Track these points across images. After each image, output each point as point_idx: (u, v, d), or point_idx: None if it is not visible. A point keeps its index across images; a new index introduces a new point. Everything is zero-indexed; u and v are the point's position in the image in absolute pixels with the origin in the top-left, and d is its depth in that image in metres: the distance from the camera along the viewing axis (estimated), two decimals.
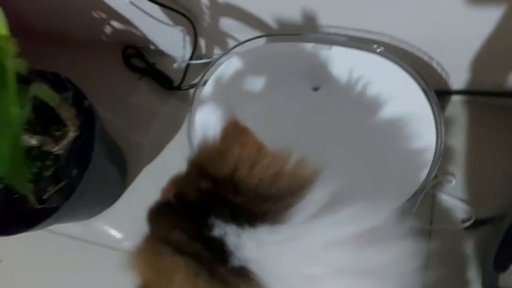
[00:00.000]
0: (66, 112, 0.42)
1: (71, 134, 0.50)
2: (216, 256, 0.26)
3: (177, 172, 0.33)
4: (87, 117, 0.52)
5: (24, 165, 0.30)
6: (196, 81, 0.67)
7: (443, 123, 0.45)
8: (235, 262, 0.26)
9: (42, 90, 0.35)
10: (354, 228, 0.27)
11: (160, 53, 0.70)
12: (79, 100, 0.53)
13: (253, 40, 0.52)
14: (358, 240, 0.27)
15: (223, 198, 0.28)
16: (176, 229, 0.28)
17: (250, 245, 0.26)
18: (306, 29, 0.53)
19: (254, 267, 0.26)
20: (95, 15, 0.63)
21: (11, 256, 0.65)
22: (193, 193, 0.29)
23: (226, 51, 0.52)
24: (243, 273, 0.26)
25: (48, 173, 0.53)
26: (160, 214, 0.31)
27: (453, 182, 0.57)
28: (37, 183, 0.53)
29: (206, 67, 0.66)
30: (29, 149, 0.51)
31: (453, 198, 0.56)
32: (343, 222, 0.27)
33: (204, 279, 0.26)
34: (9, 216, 0.53)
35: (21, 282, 0.64)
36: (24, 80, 0.29)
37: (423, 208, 0.55)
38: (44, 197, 0.53)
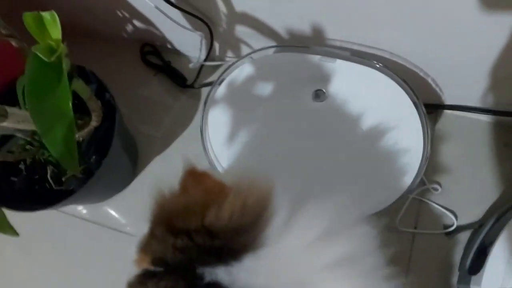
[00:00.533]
0: (94, 104, 0.47)
1: (93, 124, 0.54)
2: None
3: (140, 239, 0.33)
4: (108, 109, 0.57)
5: (76, 149, 0.34)
6: (208, 80, 0.72)
7: (429, 134, 0.50)
8: None
9: (79, 85, 0.39)
10: (324, 227, 0.30)
11: (176, 52, 0.74)
12: (101, 93, 0.58)
13: (266, 49, 0.56)
14: (327, 238, 0.30)
15: (202, 247, 0.29)
16: None
17: (242, 277, 0.28)
18: (314, 41, 0.58)
19: None
20: (118, 13, 0.68)
21: (27, 232, 0.69)
22: (172, 254, 0.29)
23: (242, 56, 0.56)
24: None
25: None
26: (143, 285, 0.30)
27: (439, 190, 0.61)
28: (57, 166, 0.58)
29: (218, 68, 0.71)
30: None
31: (438, 206, 0.61)
32: (314, 225, 0.30)
33: None
34: (30, 194, 0.58)
35: (34, 255, 0.69)
36: (68, 76, 0.33)
37: (409, 213, 0.60)
38: (63, 179, 0.58)
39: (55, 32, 0.32)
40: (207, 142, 0.53)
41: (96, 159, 0.57)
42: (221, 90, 0.55)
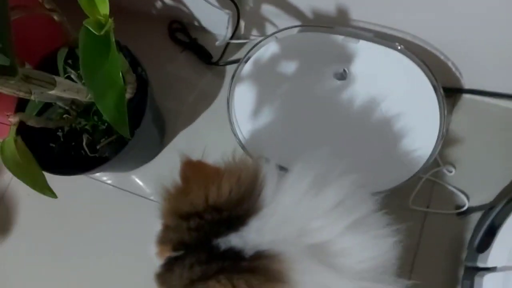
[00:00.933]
0: (130, 77, 0.50)
1: (127, 96, 0.58)
2: (234, 260, 0.32)
3: (155, 234, 0.38)
4: (140, 82, 0.60)
5: (126, 114, 0.38)
6: (232, 58, 0.74)
7: (446, 116, 0.52)
8: (249, 253, 0.32)
9: (120, 59, 0.43)
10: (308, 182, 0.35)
11: (202, 30, 0.77)
12: (134, 67, 0.61)
13: (291, 28, 0.58)
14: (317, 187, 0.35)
15: (212, 222, 0.34)
16: (193, 267, 0.33)
17: (252, 237, 0.33)
18: (338, 21, 0.60)
19: (264, 247, 0.32)
20: None
21: (60, 196, 0.74)
22: (188, 236, 0.34)
23: (267, 35, 0.58)
24: (259, 256, 0.32)
25: (102, 127, 0.61)
26: (170, 271, 0.35)
27: (453, 172, 0.63)
28: (92, 134, 0.62)
29: (243, 46, 0.73)
30: (90, 105, 0.60)
31: (451, 187, 0.63)
32: (302, 178, 0.35)
33: (237, 281, 0.31)
34: (67, 160, 0.62)
35: (66, 218, 0.74)
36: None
37: (422, 193, 0.62)
38: (98, 147, 0.62)
39: (104, 7, 0.36)
40: (233, 116, 0.56)
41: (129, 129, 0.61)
42: (247, 67, 0.58)
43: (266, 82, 0.58)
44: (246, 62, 0.58)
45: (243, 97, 0.57)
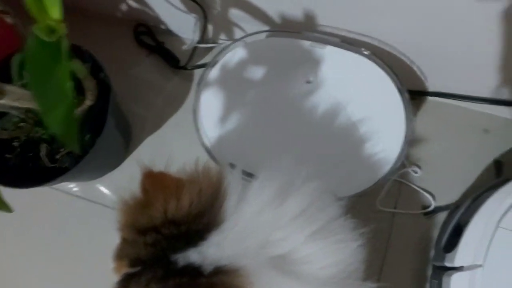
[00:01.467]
0: (89, 83, 0.48)
1: (88, 102, 0.55)
2: (192, 276, 0.31)
3: (114, 248, 0.36)
4: (102, 88, 0.58)
5: (76, 128, 0.35)
6: (200, 62, 0.73)
7: (411, 119, 0.53)
8: (208, 269, 0.31)
9: (76, 65, 0.40)
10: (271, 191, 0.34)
11: (170, 33, 0.75)
12: (96, 72, 0.58)
13: (259, 33, 0.58)
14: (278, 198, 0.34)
15: (170, 237, 0.32)
16: (150, 284, 0.31)
17: (211, 252, 0.32)
18: (306, 26, 0.60)
19: (224, 262, 0.31)
20: None
21: (20, 209, 0.70)
22: (145, 251, 0.33)
23: (235, 40, 0.57)
24: (219, 271, 0.31)
25: None
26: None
27: (419, 173, 0.64)
28: (51, 144, 0.59)
29: (211, 50, 0.72)
30: None
31: (417, 187, 0.64)
32: (263, 190, 0.34)
33: None
34: (24, 171, 0.59)
35: (27, 232, 0.70)
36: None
37: (390, 194, 0.63)
38: (57, 157, 0.59)
39: (55, 12, 0.33)
40: (200, 123, 0.55)
41: (90, 137, 0.58)
42: (214, 72, 0.57)
43: (234, 87, 0.57)
44: (213, 66, 0.57)
45: (210, 102, 0.56)
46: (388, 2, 0.51)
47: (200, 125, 0.55)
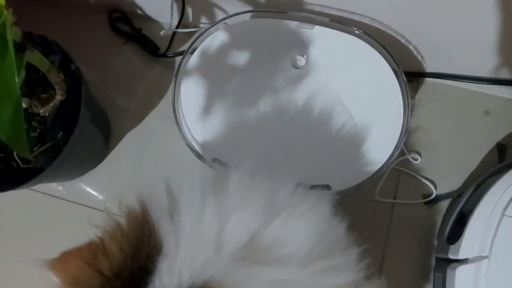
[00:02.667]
0: (55, 77, 0.43)
1: (58, 98, 0.51)
2: None
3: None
4: (74, 81, 0.53)
5: (25, 131, 0.31)
6: (181, 49, 0.68)
7: (410, 103, 0.49)
8: None
9: (34, 57, 0.36)
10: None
11: (147, 18, 0.70)
12: (66, 64, 0.54)
13: (240, 15, 0.53)
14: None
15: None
16: None
17: (168, 280, 0.28)
18: (292, 6, 0.55)
19: (186, 284, 0.28)
20: None
21: None
22: None
23: (215, 22, 0.53)
24: None
25: (34, 134, 0.54)
26: None
27: (419, 160, 0.61)
28: None
29: (192, 35, 0.67)
30: None
31: (417, 175, 0.61)
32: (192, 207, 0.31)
33: None
34: None
35: (8, 238, 0.66)
36: (18, 47, 0.30)
37: (388, 183, 0.60)
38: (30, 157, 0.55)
39: None
40: (180, 116, 0.51)
41: (63, 134, 0.54)
42: (193, 59, 0.52)
43: (216, 75, 0.52)
44: (191, 53, 0.52)
45: (190, 93, 0.51)
46: None
47: (181, 119, 0.51)
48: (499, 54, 0.55)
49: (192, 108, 0.51)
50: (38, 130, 0.54)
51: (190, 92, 0.51)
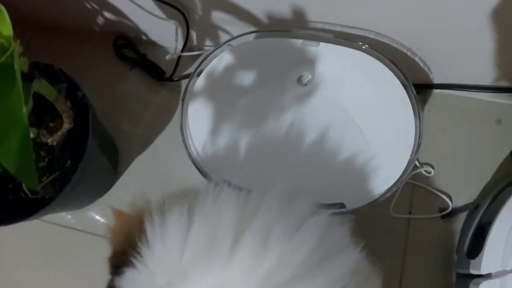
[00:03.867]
0: (62, 105, 0.43)
1: (66, 126, 0.51)
2: None
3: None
4: (81, 109, 0.53)
5: (33, 162, 0.31)
6: (187, 72, 0.68)
7: (421, 116, 0.48)
8: None
9: (42, 86, 0.36)
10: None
11: (152, 43, 0.70)
12: (73, 91, 0.54)
13: (245, 35, 0.53)
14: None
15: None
16: None
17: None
18: (296, 24, 0.55)
19: None
20: (86, 4, 0.63)
21: (5, 246, 0.66)
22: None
23: (220, 45, 0.53)
24: None
25: (42, 164, 0.54)
26: None
27: (432, 173, 0.60)
28: None
29: (197, 58, 0.67)
30: None
31: (432, 189, 0.59)
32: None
33: None
34: (4, 206, 0.54)
35: (15, 271, 0.65)
36: (26, 77, 0.30)
37: (403, 198, 0.58)
38: (39, 187, 0.54)
39: (5, 28, 0.29)
40: (189, 139, 0.50)
41: (72, 163, 0.54)
42: (200, 82, 0.52)
43: (223, 96, 0.52)
44: (198, 76, 0.52)
45: (198, 115, 0.51)
46: None
47: (189, 141, 0.50)
48: (505, 62, 0.54)
49: (200, 130, 0.50)
50: (46, 160, 0.54)
51: (198, 114, 0.51)
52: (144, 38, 0.70)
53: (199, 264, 0.30)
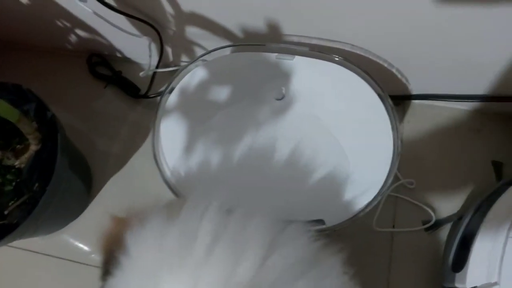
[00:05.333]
0: (27, 127, 0.41)
1: (33, 147, 0.49)
2: None
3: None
4: (50, 129, 0.51)
5: None
6: (162, 89, 0.66)
7: (398, 127, 0.47)
8: None
9: (2, 108, 0.34)
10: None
11: (126, 60, 0.69)
12: (41, 112, 0.52)
13: (218, 50, 0.52)
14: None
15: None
16: None
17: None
18: (272, 38, 0.54)
19: None
20: (58, 23, 0.62)
21: None
22: None
23: (192, 60, 0.52)
24: None
25: (9, 187, 0.51)
26: None
27: (414, 184, 0.59)
28: None
29: (173, 74, 0.66)
30: None
31: (414, 201, 0.58)
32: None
33: None
34: None
35: None
36: None
37: (385, 212, 0.57)
38: (5, 212, 0.52)
39: None
40: (161, 157, 0.48)
41: (40, 185, 0.51)
42: (172, 98, 0.50)
43: (197, 111, 0.50)
44: (170, 93, 0.51)
45: (170, 133, 0.49)
46: (354, 3, 0.46)
47: (161, 160, 0.48)
48: (483, 70, 0.54)
49: (174, 148, 0.49)
50: (13, 183, 0.51)
51: (171, 132, 0.49)
52: (119, 55, 0.69)
53: (172, 270, 0.30)
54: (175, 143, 0.49)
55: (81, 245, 0.63)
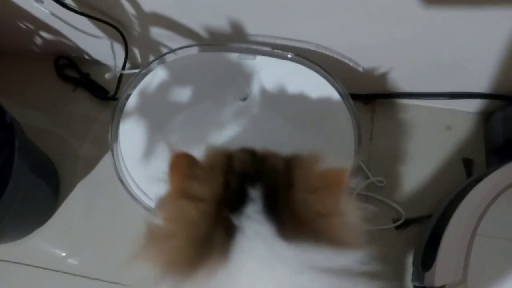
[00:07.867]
0: None
1: None
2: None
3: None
4: (9, 133, 0.50)
5: None
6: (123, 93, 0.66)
7: (359, 124, 0.47)
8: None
9: None
10: None
11: (95, 62, 0.68)
12: (0, 115, 0.51)
13: (179, 50, 0.51)
14: None
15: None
16: None
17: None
18: (237, 38, 0.54)
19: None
20: (21, 25, 0.61)
21: None
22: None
23: (149, 62, 0.51)
24: None
25: None
26: None
27: (384, 183, 0.58)
28: None
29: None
30: None
31: (384, 199, 0.58)
32: None
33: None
34: None
35: None
36: None
37: None
38: None
39: None
40: (120, 161, 0.47)
41: None
42: (131, 101, 0.49)
43: (158, 113, 0.49)
44: (128, 95, 0.50)
45: (131, 136, 0.48)
46: (317, 3, 0.45)
47: (122, 165, 0.47)
48: (451, 70, 0.54)
49: (134, 152, 0.48)
50: None
51: (131, 136, 0.48)
52: (86, 57, 0.68)
53: None
54: (136, 146, 0.48)
55: (56, 250, 0.62)
